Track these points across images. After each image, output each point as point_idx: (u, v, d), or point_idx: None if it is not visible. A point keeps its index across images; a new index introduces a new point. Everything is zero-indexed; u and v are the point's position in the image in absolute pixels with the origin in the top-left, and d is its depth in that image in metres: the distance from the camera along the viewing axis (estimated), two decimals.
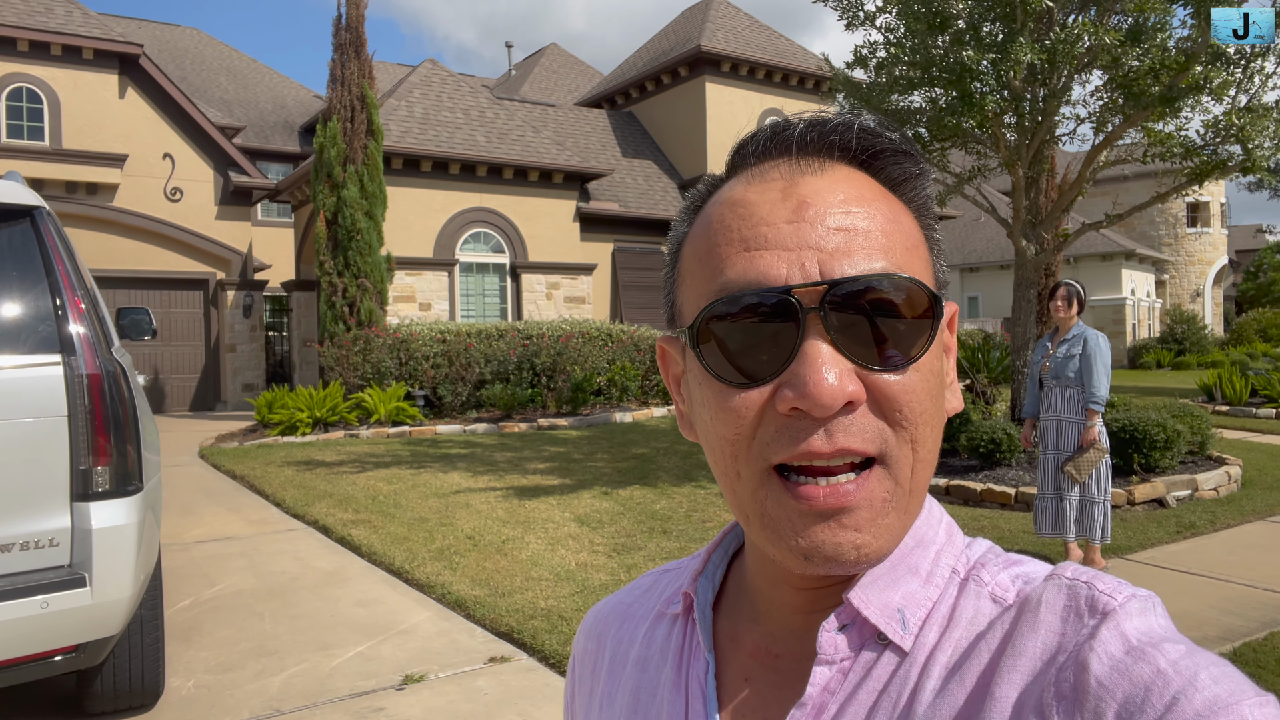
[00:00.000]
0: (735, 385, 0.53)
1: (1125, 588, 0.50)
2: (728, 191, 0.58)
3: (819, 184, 0.54)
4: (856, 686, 0.54)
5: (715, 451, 0.56)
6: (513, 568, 5.64)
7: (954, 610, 0.55)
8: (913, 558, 0.57)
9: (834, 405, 0.49)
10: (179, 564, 5.92)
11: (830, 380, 0.49)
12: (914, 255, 0.55)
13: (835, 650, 0.55)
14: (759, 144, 0.58)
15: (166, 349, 17.46)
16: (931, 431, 0.54)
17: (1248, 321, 30.14)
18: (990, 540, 0.69)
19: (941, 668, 0.52)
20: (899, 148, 0.57)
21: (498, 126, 18.12)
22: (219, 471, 9.84)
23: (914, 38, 8.72)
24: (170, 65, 26.20)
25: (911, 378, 0.52)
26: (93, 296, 3.32)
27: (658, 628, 0.68)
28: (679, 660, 0.64)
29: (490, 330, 14.30)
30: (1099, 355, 5.18)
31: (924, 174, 0.58)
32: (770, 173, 0.56)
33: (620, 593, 0.76)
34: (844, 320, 0.51)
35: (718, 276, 0.54)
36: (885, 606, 0.55)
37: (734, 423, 0.53)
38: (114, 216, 16.60)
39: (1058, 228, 9.64)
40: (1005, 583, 0.55)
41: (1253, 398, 14.06)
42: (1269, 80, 8.71)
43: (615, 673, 0.69)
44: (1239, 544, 6.10)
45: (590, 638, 0.74)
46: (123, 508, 3.08)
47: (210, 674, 4.08)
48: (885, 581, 0.56)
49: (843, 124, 0.56)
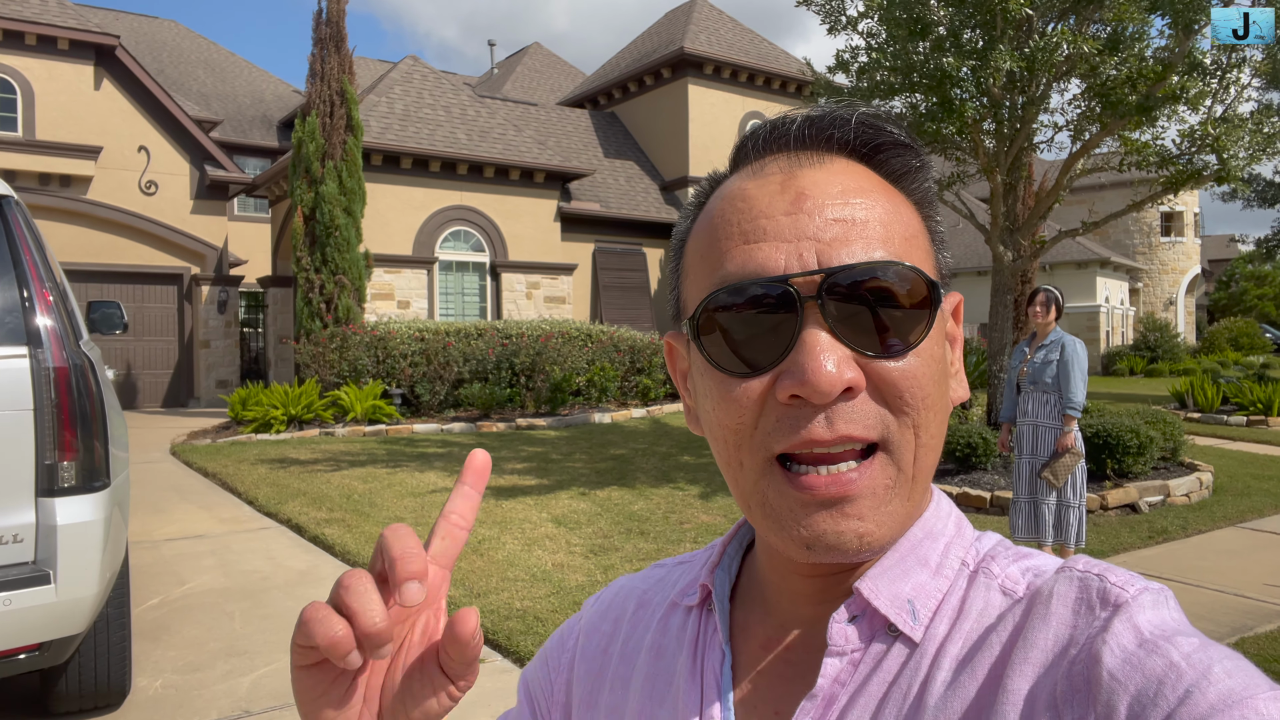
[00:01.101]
0: (737, 375, 0.54)
1: (1137, 580, 0.50)
2: (729, 186, 0.59)
3: (817, 176, 0.55)
4: (867, 678, 0.54)
5: (719, 441, 0.56)
6: (489, 568, 5.60)
7: (964, 602, 0.55)
8: (922, 549, 0.57)
9: (833, 392, 0.50)
10: (148, 562, 5.83)
11: (829, 367, 0.50)
12: (913, 245, 0.56)
13: (846, 641, 0.55)
14: (759, 139, 0.59)
15: (139, 344, 17.23)
16: (934, 417, 0.54)
17: (1219, 330, 30.58)
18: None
19: (952, 659, 0.52)
20: (899, 140, 0.58)
21: (479, 125, 18.04)
22: (190, 469, 9.72)
23: (895, 43, 8.77)
24: (147, 57, 25.90)
25: (912, 363, 0.53)
26: (61, 289, 3.26)
27: (672, 617, 0.68)
28: (694, 650, 0.64)
29: (469, 329, 14.22)
30: (1076, 361, 5.22)
31: (925, 166, 0.59)
32: (769, 167, 0.57)
33: (637, 577, 0.76)
34: (842, 308, 0.52)
35: (718, 269, 0.55)
36: (895, 598, 0.55)
37: (736, 412, 0.54)
38: (87, 209, 16.36)
39: (1034, 234, 9.72)
40: (1015, 575, 0.55)
41: (1224, 405, 14.24)
42: (1244, 91, 8.83)
43: (629, 657, 0.68)
44: (1210, 549, 6.17)
45: (605, 617, 0.73)
46: (89, 504, 3.02)
47: (178, 674, 4.01)
48: (895, 573, 0.56)
49: (841, 118, 0.57)
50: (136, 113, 16.92)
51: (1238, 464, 9.55)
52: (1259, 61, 8.81)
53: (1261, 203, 21.34)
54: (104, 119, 16.53)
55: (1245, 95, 8.86)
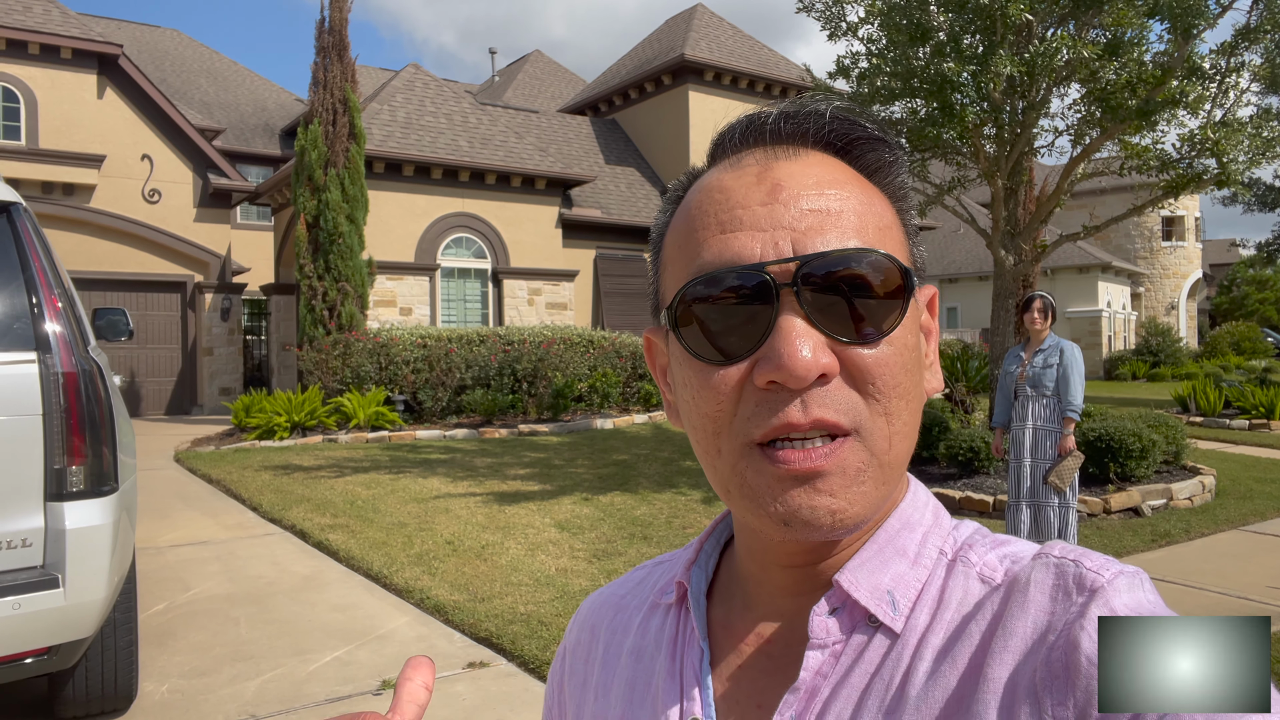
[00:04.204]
0: (714, 363, 0.54)
1: (1112, 564, 0.50)
2: (706, 179, 0.60)
3: (792, 169, 0.56)
4: (849, 669, 0.54)
5: (697, 430, 0.57)
6: (492, 573, 5.61)
7: (943, 591, 0.55)
8: (900, 539, 0.57)
9: (808, 377, 0.51)
10: (154, 568, 5.85)
11: (804, 353, 0.51)
12: (887, 235, 0.56)
13: (827, 634, 0.55)
14: (735, 133, 0.61)
15: (143, 351, 17.26)
16: (906, 405, 0.55)
17: (1221, 334, 30.55)
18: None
19: (933, 650, 0.52)
20: (873, 135, 0.59)
21: (481, 132, 18.09)
22: (195, 475, 9.74)
23: (895, 49, 8.80)
24: (150, 66, 25.98)
25: (884, 351, 0.53)
26: (69, 295, 3.29)
27: (652, 618, 0.68)
28: (673, 649, 0.64)
29: (471, 335, 14.24)
30: (1075, 366, 5.26)
31: (898, 161, 0.60)
32: (746, 159, 0.58)
33: (613, 584, 0.76)
34: (817, 295, 0.52)
35: (695, 259, 0.56)
36: (875, 589, 0.55)
37: (714, 399, 0.54)
38: (91, 217, 16.41)
39: (1036, 239, 9.74)
40: (993, 563, 0.55)
41: (1226, 409, 14.24)
42: (1243, 95, 8.85)
43: (610, 664, 0.69)
44: (1213, 552, 6.17)
45: (584, 629, 0.74)
46: (97, 508, 3.04)
47: (184, 679, 4.03)
48: (874, 564, 0.56)
49: (816, 112, 0.58)
50: (140, 121, 16.98)
51: (1240, 467, 9.55)
52: (1258, 66, 8.84)
53: (1262, 207, 21.34)
54: (107, 128, 16.59)
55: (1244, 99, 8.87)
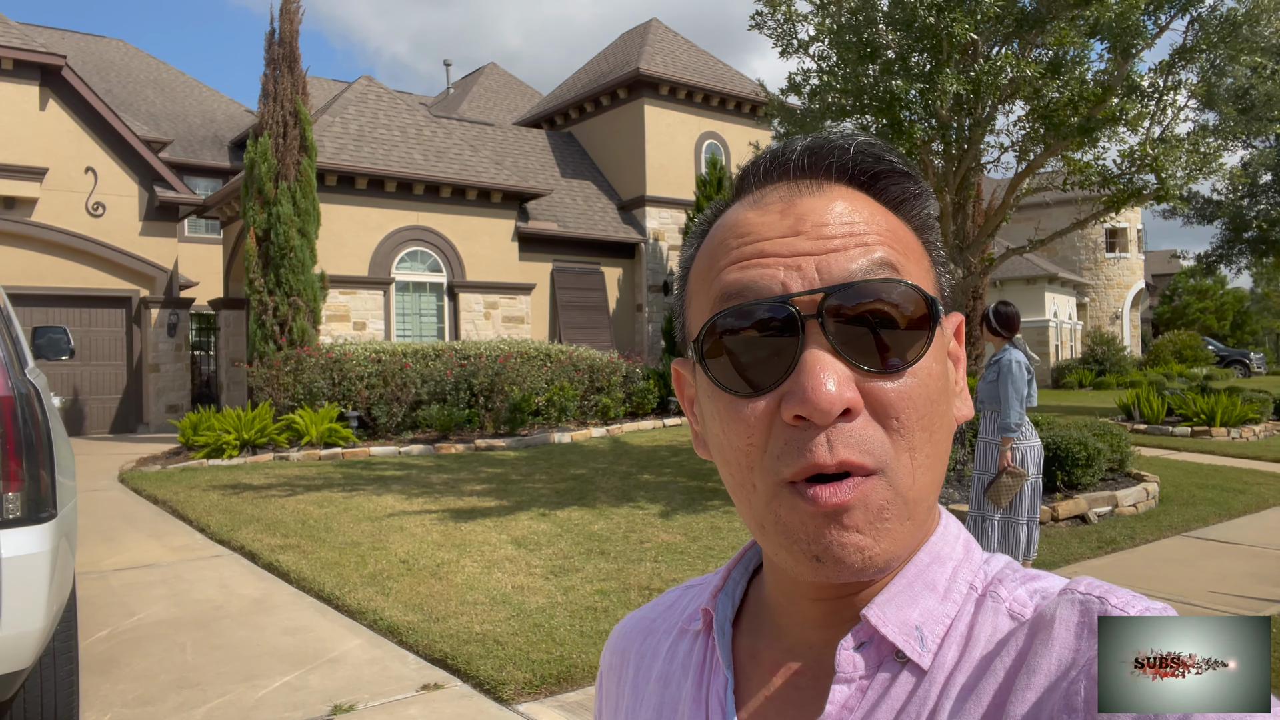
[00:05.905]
0: (741, 395, 0.54)
1: (1139, 601, 0.50)
2: (730, 215, 0.60)
3: (816, 203, 0.56)
4: (875, 705, 0.54)
5: (730, 464, 0.56)
6: (447, 592, 5.55)
7: (972, 627, 0.55)
8: (929, 574, 0.57)
9: (833, 411, 0.50)
10: (96, 593, 5.69)
11: (830, 387, 0.50)
12: (913, 265, 0.57)
13: (854, 668, 0.55)
14: (759, 169, 0.61)
15: (86, 369, 16.82)
16: (930, 437, 0.54)
17: (1164, 343, 31.42)
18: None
19: (959, 688, 0.52)
20: (898, 169, 0.59)
21: (435, 145, 17.98)
22: (140, 496, 9.50)
23: (845, 66, 8.94)
24: (95, 77, 25.44)
25: (908, 383, 0.53)
26: (5, 315, 3.20)
27: (680, 644, 0.68)
28: (699, 676, 0.64)
29: (427, 350, 14.11)
30: (1008, 381, 5.16)
31: (924, 193, 0.60)
32: (769, 196, 0.58)
33: (645, 607, 0.77)
34: (842, 327, 0.52)
35: (719, 292, 0.56)
36: (903, 624, 0.55)
37: (744, 432, 0.54)
38: (32, 232, 15.98)
39: (984, 252, 9.93)
40: (1023, 598, 0.55)
41: (1169, 416, 14.61)
42: (1181, 113, 9.12)
43: (639, 688, 0.69)
44: (1157, 558, 6.32)
45: (615, 653, 0.74)
46: (35, 535, 2.95)
47: (128, 708, 3.92)
48: (903, 598, 0.56)
49: (839, 146, 0.58)
50: (84, 133, 16.60)
51: (1183, 474, 9.79)
52: (1195, 84, 9.13)
53: (1201, 219, 22.01)
54: (50, 140, 16.19)
55: (1182, 116, 9.15)
